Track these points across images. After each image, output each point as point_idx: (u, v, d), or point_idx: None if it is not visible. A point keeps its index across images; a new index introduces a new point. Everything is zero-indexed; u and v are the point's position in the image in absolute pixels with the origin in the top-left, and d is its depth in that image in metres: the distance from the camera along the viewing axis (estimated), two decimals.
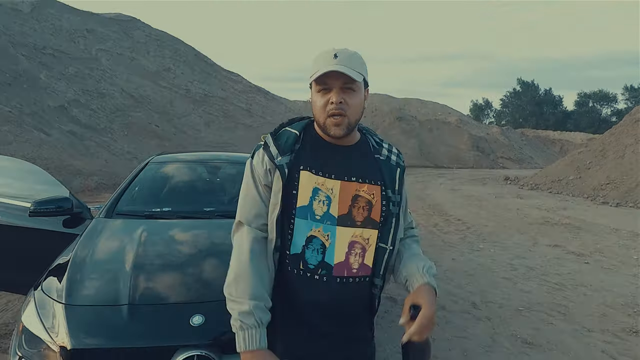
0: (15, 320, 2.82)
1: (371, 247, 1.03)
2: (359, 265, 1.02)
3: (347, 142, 1.05)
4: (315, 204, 1.00)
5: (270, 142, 1.04)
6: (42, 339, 1.48)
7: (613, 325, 3.05)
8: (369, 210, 1.02)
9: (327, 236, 1.00)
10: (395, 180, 1.07)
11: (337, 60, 0.96)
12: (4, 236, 2.56)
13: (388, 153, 1.10)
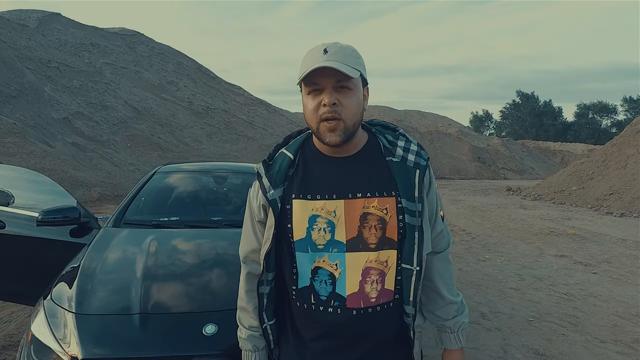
0: (19, 332, 2.79)
1: (391, 270, 0.90)
2: (377, 293, 0.89)
3: (349, 150, 0.92)
4: (315, 233, 0.89)
5: (262, 173, 0.94)
6: (53, 348, 1.45)
7: (625, 336, 3.00)
8: (382, 229, 0.88)
9: (336, 265, 0.89)
10: (413, 185, 0.89)
11: (328, 55, 0.82)
12: (12, 246, 2.54)
13: (404, 152, 0.92)
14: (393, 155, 0.92)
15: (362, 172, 0.91)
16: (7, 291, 2.65)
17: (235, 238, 2.26)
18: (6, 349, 2.56)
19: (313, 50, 0.86)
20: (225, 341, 1.45)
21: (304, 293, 0.92)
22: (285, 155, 0.95)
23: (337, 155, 0.92)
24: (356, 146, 0.93)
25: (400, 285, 0.91)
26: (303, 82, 0.86)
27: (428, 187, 0.95)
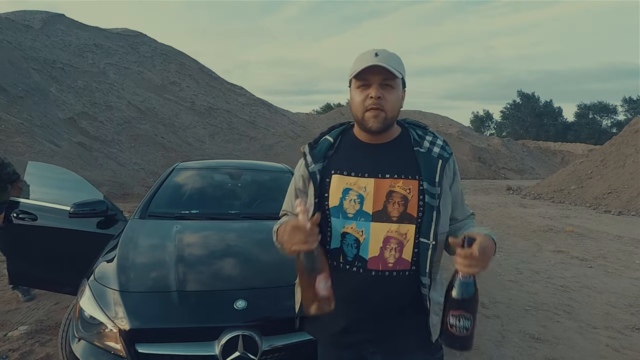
0: (48, 317, 2.99)
1: (409, 242, 1.05)
2: (395, 259, 1.05)
3: (384, 139, 1.10)
4: (346, 203, 1.06)
5: (307, 152, 1.16)
6: (102, 321, 1.65)
7: (617, 323, 3.20)
8: (404, 205, 1.04)
9: (362, 232, 1.06)
10: (435, 172, 1.05)
11: (378, 58, 1.01)
12: (44, 237, 2.74)
13: (430, 145, 1.09)
14: (420, 146, 1.09)
15: (392, 157, 1.09)
16: (40, 279, 2.85)
17: (253, 228, 2.48)
18: (38, 332, 2.75)
19: (365, 53, 1.05)
20: (254, 314, 1.65)
21: (334, 253, 1.09)
22: (327, 139, 1.17)
23: (372, 142, 1.11)
24: (390, 136, 1.11)
25: (417, 257, 1.06)
26: (354, 78, 1.04)
27: (452, 178, 1.11)
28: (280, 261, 2.01)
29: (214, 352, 1.55)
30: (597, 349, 2.77)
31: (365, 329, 1.11)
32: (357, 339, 1.11)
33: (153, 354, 1.56)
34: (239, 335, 1.57)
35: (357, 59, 1.06)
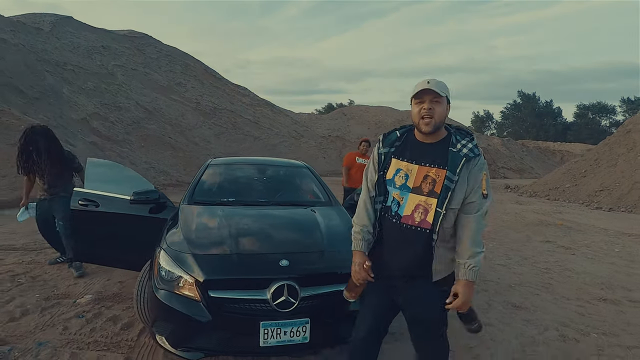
0: (105, 289, 3.55)
1: (432, 210, 1.58)
2: (420, 220, 1.60)
3: (432, 139, 1.63)
4: (397, 178, 1.65)
5: (381, 138, 1.75)
6: (180, 275, 2.22)
7: (587, 296, 3.78)
8: (433, 185, 1.58)
9: (403, 199, 1.64)
10: (457, 165, 1.55)
11: (429, 84, 1.56)
12: (106, 221, 3.31)
13: (461, 147, 1.59)
14: (454, 147, 1.60)
15: (433, 152, 1.62)
16: (101, 256, 3.43)
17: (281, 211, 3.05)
18: (101, 300, 3.32)
19: (422, 81, 1.61)
20: (294, 271, 2.22)
21: (387, 209, 1.69)
22: (395, 133, 1.75)
23: (424, 141, 1.65)
24: (436, 138, 1.64)
25: (437, 222, 1.57)
26: (414, 97, 1.60)
27: (473, 169, 1.57)
28: (306, 235, 2.61)
29: (266, 296, 2.13)
30: (566, 314, 3.34)
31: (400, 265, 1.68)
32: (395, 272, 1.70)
33: (222, 297, 2.14)
34: (284, 284, 2.15)
35: (416, 85, 1.62)
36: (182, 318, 2.14)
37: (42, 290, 3.52)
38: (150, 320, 2.40)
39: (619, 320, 3.25)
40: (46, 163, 3.93)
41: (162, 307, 2.20)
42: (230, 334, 2.16)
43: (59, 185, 4.02)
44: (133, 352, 2.53)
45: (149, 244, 2.81)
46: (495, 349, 2.70)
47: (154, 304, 2.28)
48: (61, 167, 4.02)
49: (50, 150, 3.94)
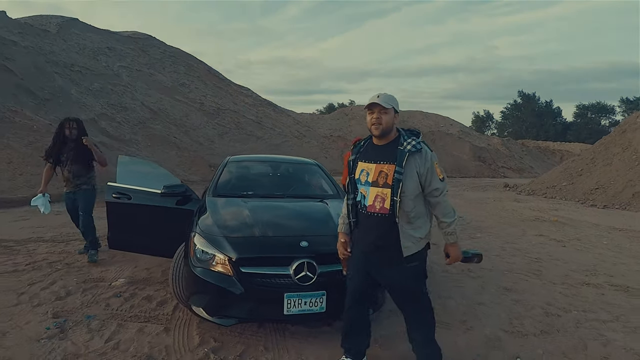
0: (134, 274, 3.94)
1: (387, 198, 2.00)
2: (379, 207, 2.02)
3: (385, 141, 2.07)
4: (361, 176, 2.10)
5: (353, 146, 2.24)
6: (214, 254, 2.61)
7: (572, 281, 4.17)
8: (386, 178, 2.00)
9: (366, 192, 2.07)
10: (403, 160, 1.98)
11: (378, 99, 1.99)
12: (137, 212, 3.70)
13: (406, 144, 2.02)
14: (401, 146, 2.03)
15: (385, 152, 2.05)
16: (133, 243, 3.82)
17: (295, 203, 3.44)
18: (133, 283, 3.71)
19: (373, 95, 2.03)
20: (313, 250, 2.62)
21: (357, 203, 2.15)
22: (361, 142, 2.24)
23: (379, 144, 2.10)
24: (388, 140, 2.08)
25: (392, 207, 2.01)
26: (367, 108, 2.04)
27: (422, 163, 2.00)
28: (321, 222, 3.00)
29: (289, 272, 2.53)
30: (552, 295, 3.73)
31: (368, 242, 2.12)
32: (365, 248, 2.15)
33: (251, 273, 2.54)
34: (304, 262, 2.55)
35: (370, 99, 2.04)
36: (218, 291, 2.53)
37: (78, 275, 3.91)
38: (186, 295, 2.80)
39: (598, 301, 3.64)
40: (75, 152, 4.31)
41: (199, 282, 2.60)
42: (259, 303, 2.55)
43: (83, 176, 4.39)
44: (170, 323, 2.92)
45: (177, 233, 3.22)
46: (486, 322, 3.09)
47: (191, 280, 2.68)
48: (86, 157, 4.39)
49: (79, 140, 4.29)
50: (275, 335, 2.78)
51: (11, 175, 8.97)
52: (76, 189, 4.39)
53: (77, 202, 4.41)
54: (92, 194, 4.52)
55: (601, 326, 3.09)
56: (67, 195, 4.45)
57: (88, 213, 4.41)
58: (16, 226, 6.13)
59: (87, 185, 4.44)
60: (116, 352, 2.51)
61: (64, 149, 4.37)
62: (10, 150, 9.61)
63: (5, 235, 5.48)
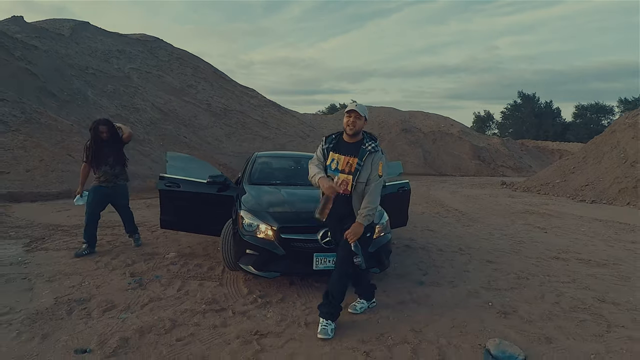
0: (179, 252, 4.81)
1: (350, 183, 2.74)
2: (345, 188, 2.74)
3: (353, 140, 2.81)
4: (332, 164, 2.83)
5: (324, 141, 2.98)
6: (258, 224, 3.48)
7: (544, 257, 5.03)
8: (350, 167, 2.75)
9: (335, 177, 2.79)
10: (363, 156, 2.73)
11: (356, 107, 2.76)
12: (187, 198, 4.56)
13: (367, 145, 2.77)
14: (364, 145, 2.81)
15: (352, 148, 2.82)
16: (181, 224, 4.68)
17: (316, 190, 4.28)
18: (182, 256, 4.57)
19: (351, 103, 2.83)
20: None
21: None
22: (332, 136, 2.98)
23: (348, 141, 2.88)
24: (355, 139, 2.85)
25: (354, 188, 2.80)
26: (346, 113, 2.84)
27: (376, 161, 2.77)
28: None
29: (317, 238, 3.39)
30: (525, 266, 4.60)
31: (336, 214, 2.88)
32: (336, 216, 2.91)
33: (289, 238, 3.40)
34: (328, 230, 3.41)
35: (348, 105, 2.86)
36: (264, 251, 3.40)
37: (135, 250, 4.79)
38: (235, 258, 3.66)
39: (562, 270, 4.50)
40: (115, 153, 4.82)
41: (248, 246, 3.47)
42: (294, 261, 3.42)
43: (121, 173, 4.92)
44: (222, 280, 3.79)
45: (219, 214, 4.09)
46: (469, 282, 3.96)
47: (241, 245, 3.54)
48: (124, 157, 4.96)
49: (117, 138, 4.82)
50: (305, 287, 3.66)
51: (44, 172, 9.85)
52: (114, 184, 4.80)
53: (110, 196, 4.80)
54: (128, 187, 5.08)
55: (559, 285, 3.95)
56: (100, 188, 4.74)
57: (127, 205, 4.99)
58: (63, 215, 7.01)
59: (124, 181, 4.97)
60: (188, 297, 3.39)
61: (103, 150, 4.74)
62: (41, 149, 10.50)
63: (58, 222, 6.36)
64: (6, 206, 7.71)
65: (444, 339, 2.76)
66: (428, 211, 8.88)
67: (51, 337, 2.64)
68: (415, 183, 16.56)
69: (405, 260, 4.66)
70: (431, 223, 7.26)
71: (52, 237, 5.33)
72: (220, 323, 2.93)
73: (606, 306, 3.43)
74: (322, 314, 2.82)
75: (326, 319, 2.80)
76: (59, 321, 2.88)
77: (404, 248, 5.22)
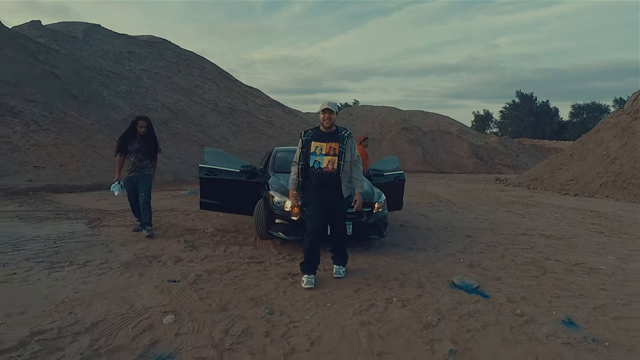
0: (215, 228, 5.95)
1: (336, 163, 3.69)
2: (331, 168, 3.68)
3: (329, 131, 3.79)
4: (316, 150, 3.75)
5: (302, 133, 4.02)
6: (285, 201, 4.63)
7: (514, 233, 6.18)
8: (334, 151, 3.71)
9: (321, 160, 3.72)
10: (344, 141, 3.74)
11: (329, 105, 3.72)
12: (221, 184, 5.71)
13: (344, 132, 3.79)
14: (340, 133, 3.82)
15: (331, 136, 3.80)
16: (217, 205, 5.83)
17: None
18: (219, 231, 5.72)
19: (324, 102, 3.78)
20: None
21: (313, 167, 3.80)
22: (309, 131, 4.00)
23: (325, 132, 3.84)
24: (331, 130, 3.83)
25: (338, 168, 3.74)
26: (321, 111, 3.85)
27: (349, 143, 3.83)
28: None
29: None
30: (497, 239, 5.75)
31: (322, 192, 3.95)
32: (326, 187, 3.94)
33: None
34: None
35: (321, 105, 3.78)
36: (291, 222, 4.55)
37: (177, 227, 5.94)
38: (266, 227, 4.81)
39: (525, 241, 5.65)
40: (144, 144, 5.47)
41: (278, 217, 4.62)
42: None
43: (147, 165, 5.52)
44: (256, 246, 4.95)
45: (249, 196, 5.23)
46: (449, 249, 5.11)
47: (272, 217, 4.69)
48: (151, 149, 5.59)
49: (152, 134, 5.75)
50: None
51: (75, 167, 11.01)
52: (139, 173, 5.39)
53: (137, 185, 5.40)
54: (151, 178, 5.61)
55: (519, 251, 5.10)
56: (129, 179, 5.41)
57: (148, 194, 5.45)
58: (103, 203, 8.17)
59: (149, 171, 5.53)
60: (233, 255, 4.54)
61: (133, 141, 5.44)
62: (71, 146, 11.66)
63: (103, 208, 7.53)
64: (50, 196, 8.88)
65: (424, 278, 3.92)
66: (423, 201, 10.03)
67: (146, 275, 3.80)
68: (414, 179, 17.72)
69: (400, 235, 5.81)
70: (424, 210, 8.41)
71: (105, 218, 6.49)
72: (261, 269, 4.09)
73: (549, 262, 4.58)
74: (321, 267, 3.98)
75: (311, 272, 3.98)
76: (145, 267, 4.04)
77: (399, 227, 6.37)
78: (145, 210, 5.38)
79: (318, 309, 3.14)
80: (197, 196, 9.46)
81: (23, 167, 10.27)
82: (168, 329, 2.70)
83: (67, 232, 5.48)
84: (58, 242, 4.91)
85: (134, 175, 5.40)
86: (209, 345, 2.51)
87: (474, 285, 3.63)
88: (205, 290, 3.46)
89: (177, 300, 3.21)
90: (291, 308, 3.14)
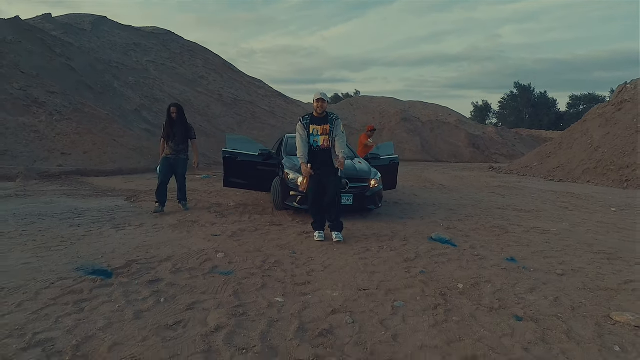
0: (236, 203, 7.10)
1: (328, 141, 4.79)
2: (327, 145, 4.79)
3: (322, 116, 4.83)
4: (315, 132, 4.85)
5: (301, 118, 5.17)
6: (298, 177, 5.77)
7: (491, 208, 7.33)
8: (326, 131, 4.79)
9: (317, 139, 4.84)
10: (333, 122, 4.82)
11: (322, 95, 4.87)
12: (242, 165, 6.84)
13: (333, 117, 4.86)
14: (330, 117, 4.90)
15: (323, 120, 4.89)
16: (238, 183, 6.97)
17: None
18: (239, 205, 6.87)
19: (317, 92, 4.99)
20: (346, 175, 5.76)
21: (313, 146, 5.04)
22: (307, 116, 5.12)
23: (318, 117, 5.05)
24: (323, 115, 5.02)
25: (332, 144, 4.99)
26: (316, 100, 5.08)
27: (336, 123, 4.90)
28: (349, 167, 6.15)
29: None
30: (475, 212, 6.90)
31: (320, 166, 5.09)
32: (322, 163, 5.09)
33: None
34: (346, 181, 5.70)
35: (315, 94, 5.02)
36: (303, 195, 5.69)
37: (206, 203, 7.08)
38: (282, 199, 5.95)
39: (499, 213, 6.80)
40: (180, 129, 6.24)
41: (293, 190, 5.76)
42: None
43: (183, 149, 6.32)
44: (274, 214, 6.10)
45: (265, 175, 6.37)
46: (434, 217, 6.26)
47: (288, 190, 5.83)
48: (186, 134, 6.54)
49: (183, 120, 6.53)
50: None
51: (98, 154, 12.13)
52: (177, 156, 6.22)
53: (174, 165, 6.21)
54: (186, 162, 6.69)
55: (490, 220, 6.26)
56: (167, 159, 6.18)
57: (183, 176, 6.39)
58: (132, 185, 9.31)
59: (185, 155, 6.66)
60: (256, 220, 5.69)
61: (172, 127, 6.20)
62: (92, 135, 12.76)
63: (134, 188, 8.67)
64: (81, 179, 10.01)
65: (409, 235, 5.08)
66: (417, 185, 11.18)
67: (192, 232, 4.95)
68: (412, 167, 18.86)
69: (394, 209, 6.97)
70: (417, 191, 9.57)
71: (140, 196, 7.64)
72: (281, 229, 5.25)
73: (512, 226, 5.74)
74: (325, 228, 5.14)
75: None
76: (190, 227, 5.19)
77: (394, 204, 7.52)
78: (181, 189, 6.38)
79: (328, 251, 4.30)
80: (214, 180, 10.63)
81: (52, 154, 11.38)
82: (222, 260, 3.86)
83: (112, 205, 6.63)
84: (110, 211, 6.06)
85: (171, 157, 6.20)
86: (254, 267, 3.67)
87: (447, 238, 4.79)
88: (242, 240, 4.62)
89: (223, 245, 4.37)
90: (308, 251, 4.31)
